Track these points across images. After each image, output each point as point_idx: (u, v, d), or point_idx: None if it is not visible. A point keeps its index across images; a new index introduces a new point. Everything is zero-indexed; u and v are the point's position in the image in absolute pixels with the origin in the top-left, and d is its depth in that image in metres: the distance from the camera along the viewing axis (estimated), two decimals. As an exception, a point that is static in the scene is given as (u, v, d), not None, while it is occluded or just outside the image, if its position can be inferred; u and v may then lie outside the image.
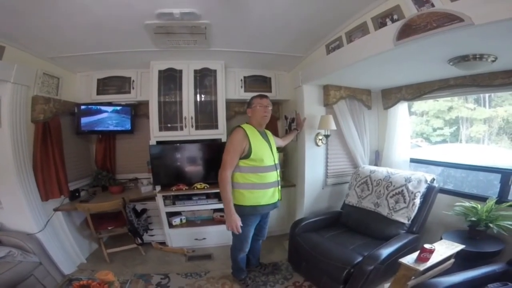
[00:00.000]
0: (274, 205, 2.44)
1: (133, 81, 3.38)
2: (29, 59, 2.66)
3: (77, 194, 3.26)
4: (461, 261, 1.94)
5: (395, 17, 1.96)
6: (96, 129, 3.46)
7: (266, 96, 2.45)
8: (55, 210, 2.90)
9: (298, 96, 3.22)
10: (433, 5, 1.69)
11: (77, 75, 3.36)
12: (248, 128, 2.33)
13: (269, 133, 2.56)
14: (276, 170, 2.40)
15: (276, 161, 2.43)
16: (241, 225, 2.25)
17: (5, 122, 2.44)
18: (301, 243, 2.64)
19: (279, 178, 2.44)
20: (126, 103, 3.56)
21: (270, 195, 2.36)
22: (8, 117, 2.44)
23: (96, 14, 2.10)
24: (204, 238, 3.38)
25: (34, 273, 2.36)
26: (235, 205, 2.33)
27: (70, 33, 2.41)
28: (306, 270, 2.63)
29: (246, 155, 2.23)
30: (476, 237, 2.20)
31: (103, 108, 3.45)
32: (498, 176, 2.41)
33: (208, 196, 3.36)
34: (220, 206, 3.32)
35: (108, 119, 3.50)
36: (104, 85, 3.39)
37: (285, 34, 2.65)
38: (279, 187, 2.45)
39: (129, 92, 3.41)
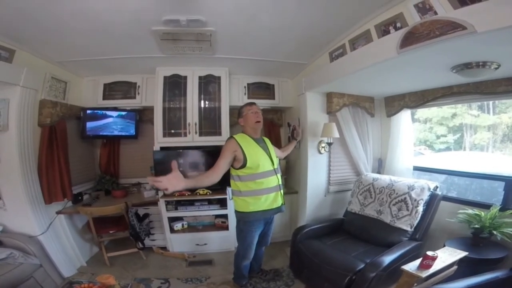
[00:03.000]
0: (278, 210, 2.43)
1: (139, 86, 3.44)
2: (38, 63, 2.71)
3: (80, 197, 3.27)
4: (464, 268, 1.91)
5: (398, 25, 1.98)
6: (101, 133, 3.50)
7: (254, 103, 2.51)
8: (58, 213, 2.92)
9: (301, 103, 3.23)
10: (436, 13, 1.72)
11: (84, 80, 3.43)
12: (240, 137, 2.35)
13: (267, 141, 2.57)
14: (276, 174, 2.41)
15: (276, 166, 2.43)
16: (169, 189, 1.79)
17: (13, 125, 2.48)
18: (303, 249, 2.62)
19: (280, 183, 2.44)
20: (131, 108, 3.61)
21: (272, 200, 2.36)
22: (16, 120, 2.48)
23: (105, 20, 2.16)
24: (205, 244, 3.37)
25: (34, 275, 2.36)
26: (239, 212, 2.34)
27: (79, 38, 2.47)
28: (308, 277, 2.60)
29: (243, 165, 2.25)
30: (480, 244, 2.18)
31: (108, 113, 3.50)
32: (502, 183, 2.39)
33: (210, 202, 3.36)
34: (222, 212, 3.34)
35: (113, 124, 3.55)
36: (110, 90, 3.45)
37: (289, 41, 2.70)
38: (282, 191, 2.45)
39: (134, 98, 3.46)
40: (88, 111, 3.38)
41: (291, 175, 3.73)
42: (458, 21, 1.47)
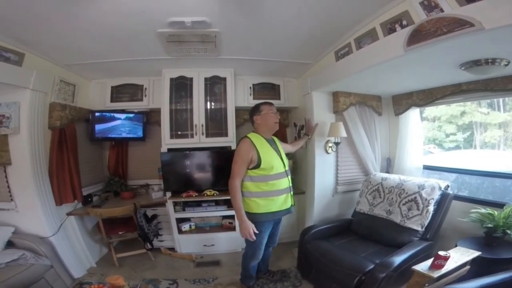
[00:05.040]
0: (287, 211, 2.43)
1: (146, 88, 3.47)
2: (46, 66, 2.76)
3: (89, 199, 3.32)
4: (477, 268, 1.87)
5: (404, 22, 1.96)
6: (109, 136, 3.55)
7: (273, 104, 2.51)
8: (68, 214, 2.96)
9: (307, 103, 3.22)
10: (442, 10, 1.69)
11: (92, 82, 3.47)
12: (254, 137, 2.33)
13: (276, 140, 2.56)
14: (287, 176, 2.40)
15: (286, 167, 2.43)
16: (256, 231, 2.24)
17: (24, 128, 2.53)
18: (311, 250, 2.61)
19: (290, 184, 2.43)
20: (138, 110, 3.65)
21: (282, 202, 2.36)
22: (27, 123, 2.53)
23: (111, 22, 2.18)
24: (213, 245, 3.37)
25: (45, 276, 2.40)
26: (249, 213, 2.32)
27: (86, 41, 2.50)
28: (316, 278, 2.58)
29: (256, 165, 2.23)
30: (493, 243, 2.14)
31: (116, 115, 3.54)
32: (515, 182, 2.35)
33: (217, 202, 3.36)
34: (229, 213, 3.33)
35: (121, 126, 3.59)
36: (118, 92, 3.49)
37: (294, 41, 2.69)
38: (292, 192, 2.45)
39: (142, 100, 3.49)
40: (97, 114, 3.42)
41: (298, 175, 3.71)
42: (466, 18, 1.45)
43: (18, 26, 2.18)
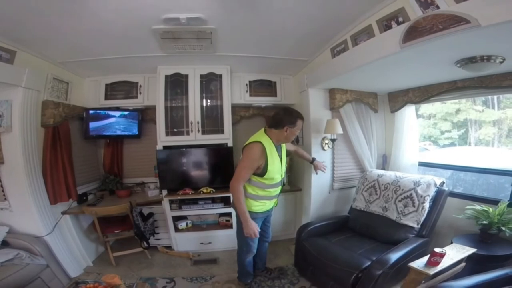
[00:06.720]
0: (271, 209, 2.52)
1: (140, 86, 3.43)
2: (39, 64, 2.72)
3: (85, 197, 3.29)
4: (472, 265, 1.90)
5: (400, 19, 1.96)
6: (104, 133, 3.51)
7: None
8: (63, 213, 2.93)
9: (303, 100, 3.22)
10: (438, 7, 1.69)
11: (86, 80, 3.42)
12: (267, 143, 2.24)
13: (283, 147, 2.51)
14: (281, 184, 2.46)
15: (283, 175, 2.45)
16: (259, 230, 2.26)
17: (16, 126, 2.49)
18: (308, 247, 2.61)
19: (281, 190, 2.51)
20: (133, 108, 3.60)
21: (269, 204, 2.43)
22: (19, 121, 2.49)
23: (105, 19, 2.15)
24: (210, 242, 3.37)
25: (41, 276, 2.38)
26: None
27: (79, 38, 2.46)
28: (313, 275, 2.59)
29: (261, 174, 2.23)
30: (488, 240, 2.16)
31: (111, 113, 3.50)
32: (510, 179, 2.37)
33: (214, 200, 3.36)
34: (226, 210, 3.33)
35: (116, 124, 3.55)
36: (112, 90, 3.44)
37: (290, 38, 2.68)
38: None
39: (136, 97, 3.45)
40: (91, 112, 3.38)
41: (295, 172, 3.71)
42: (462, 15, 1.45)
43: (8, 24, 2.13)
